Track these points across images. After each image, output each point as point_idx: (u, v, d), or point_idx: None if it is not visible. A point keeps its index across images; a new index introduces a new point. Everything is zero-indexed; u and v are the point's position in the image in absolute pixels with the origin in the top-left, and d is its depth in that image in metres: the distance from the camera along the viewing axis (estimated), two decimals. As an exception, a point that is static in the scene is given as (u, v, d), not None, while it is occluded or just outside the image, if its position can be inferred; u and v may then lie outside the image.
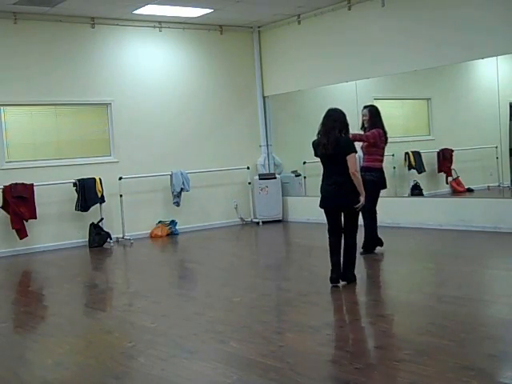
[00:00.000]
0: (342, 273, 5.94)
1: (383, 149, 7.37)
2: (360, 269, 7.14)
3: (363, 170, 7.28)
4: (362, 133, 7.41)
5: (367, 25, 9.66)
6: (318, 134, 5.91)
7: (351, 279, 5.95)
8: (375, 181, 7.24)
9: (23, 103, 9.43)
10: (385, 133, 7.33)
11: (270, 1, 9.61)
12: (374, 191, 7.28)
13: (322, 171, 6.10)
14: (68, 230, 9.62)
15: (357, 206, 5.80)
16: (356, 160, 5.86)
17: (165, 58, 10.66)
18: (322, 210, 6.03)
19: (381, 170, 7.37)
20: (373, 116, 7.37)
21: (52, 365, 4.26)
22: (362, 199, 5.81)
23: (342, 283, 5.89)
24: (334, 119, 5.81)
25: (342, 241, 5.98)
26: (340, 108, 5.96)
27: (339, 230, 5.97)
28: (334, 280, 5.89)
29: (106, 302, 6.36)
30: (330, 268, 5.92)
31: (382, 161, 7.39)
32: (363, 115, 7.45)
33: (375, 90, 10.68)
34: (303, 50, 10.72)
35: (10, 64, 9.22)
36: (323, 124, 5.87)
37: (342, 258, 5.95)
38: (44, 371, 4.12)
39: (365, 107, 7.51)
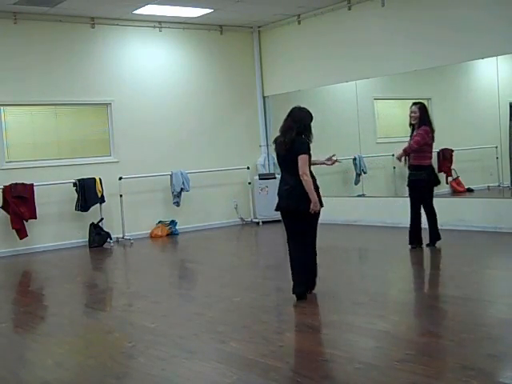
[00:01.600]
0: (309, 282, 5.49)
1: (431, 146, 7.45)
2: (360, 269, 7.15)
3: (412, 168, 7.42)
4: (407, 142, 7.49)
5: (367, 25, 9.66)
6: (279, 131, 5.47)
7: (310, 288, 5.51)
8: (426, 179, 7.35)
9: (23, 103, 9.44)
10: (432, 130, 7.38)
11: (269, 1, 9.61)
12: (428, 189, 7.45)
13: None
14: (68, 230, 9.62)
15: (311, 210, 5.27)
16: (307, 162, 5.26)
17: (165, 58, 10.66)
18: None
19: (431, 167, 7.49)
20: (422, 114, 7.38)
21: (52, 365, 4.26)
22: (312, 206, 5.25)
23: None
24: (295, 119, 5.35)
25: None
26: (307, 109, 5.48)
27: (296, 237, 5.45)
28: (299, 296, 5.36)
29: (106, 302, 6.36)
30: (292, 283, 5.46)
31: (431, 158, 7.50)
32: (412, 112, 7.43)
33: (375, 90, 10.69)
34: (303, 50, 10.72)
35: (10, 64, 9.22)
36: (283, 122, 5.43)
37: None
38: (44, 371, 4.12)
39: (414, 104, 7.47)
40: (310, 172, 5.37)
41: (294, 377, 3.71)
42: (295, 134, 5.32)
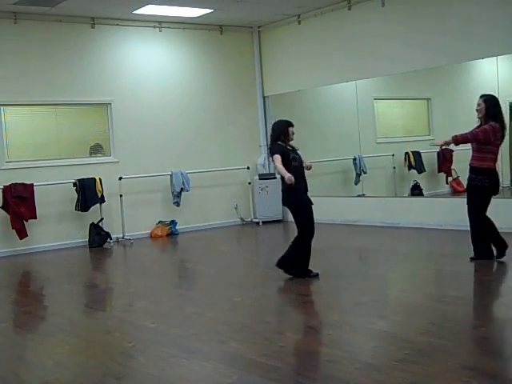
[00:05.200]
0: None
1: (498, 146, 6.40)
2: (360, 269, 7.15)
3: (472, 171, 6.48)
4: (469, 131, 6.51)
5: (367, 25, 9.66)
6: None
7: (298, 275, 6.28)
8: (484, 186, 6.38)
9: (23, 103, 9.44)
10: (502, 128, 6.36)
11: (269, 1, 9.61)
12: (483, 197, 6.46)
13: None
14: (68, 230, 9.63)
15: (286, 180, 5.96)
16: (277, 159, 6.12)
17: (165, 58, 10.66)
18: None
19: (492, 172, 6.41)
20: (489, 107, 6.36)
21: (52, 365, 4.26)
22: (286, 179, 5.94)
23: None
24: (272, 129, 6.53)
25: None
26: (284, 120, 6.54)
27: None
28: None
29: (106, 302, 6.36)
30: None
31: (494, 160, 6.40)
32: (477, 105, 6.47)
33: (375, 90, 10.69)
34: (303, 49, 10.72)
35: (10, 64, 9.22)
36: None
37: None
38: (44, 371, 4.12)
39: (480, 97, 6.49)
40: (299, 173, 6.21)
41: (295, 377, 3.71)
42: (272, 140, 6.41)
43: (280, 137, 6.34)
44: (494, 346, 4.09)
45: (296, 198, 6.17)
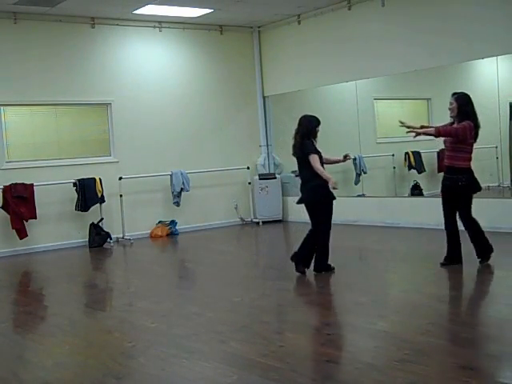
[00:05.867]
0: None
1: (472, 146, 6.29)
2: (360, 269, 7.15)
3: (447, 171, 6.41)
4: (446, 125, 6.40)
5: (367, 25, 9.66)
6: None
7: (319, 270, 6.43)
8: (463, 185, 6.27)
9: (23, 103, 9.44)
10: (476, 126, 6.22)
11: (270, 1, 9.61)
12: (465, 196, 6.35)
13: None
14: (68, 230, 9.63)
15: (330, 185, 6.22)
16: (315, 159, 6.29)
17: (165, 58, 10.66)
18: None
19: (468, 171, 6.29)
20: (461, 106, 6.23)
21: (52, 365, 4.26)
22: (330, 183, 6.17)
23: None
24: (300, 124, 6.53)
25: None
26: (314, 116, 6.59)
27: (312, 223, 6.55)
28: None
29: (106, 302, 6.36)
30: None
31: (470, 159, 6.29)
32: (449, 103, 6.32)
33: (375, 90, 10.69)
34: (303, 50, 10.72)
35: (10, 64, 9.22)
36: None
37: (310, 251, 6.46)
38: (44, 371, 4.12)
39: (452, 95, 6.35)
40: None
41: (295, 377, 3.71)
42: (301, 136, 6.42)
43: (310, 134, 6.43)
44: (493, 346, 4.09)
45: (326, 193, 6.35)
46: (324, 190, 6.32)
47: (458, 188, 6.28)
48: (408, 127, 6.48)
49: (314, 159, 6.28)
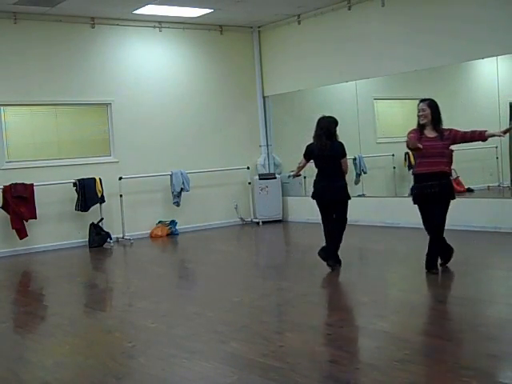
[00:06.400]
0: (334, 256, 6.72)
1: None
2: (360, 269, 7.15)
3: (429, 177, 6.16)
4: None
5: (367, 25, 9.66)
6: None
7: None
8: (418, 192, 6.26)
9: (23, 103, 9.44)
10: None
11: (270, 1, 9.61)
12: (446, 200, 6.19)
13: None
14: (68, 230, 9.63)
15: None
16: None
17: (165, 58, 10.66)
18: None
19: (446, 175, 6.21)
20: (434, 112, 6.19)
21: (52, 365, 4.26)
22: None
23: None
24: (321, 126, 6.69)
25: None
26: (330, 116, 6.77)
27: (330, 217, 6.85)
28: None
29: (106, 302, 6.36)
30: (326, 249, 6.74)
31: (450, 164, 6.23)
32: (420, 110, 6.21)
33: (375, 90, 10.69)
34: (303, 50, 10.72)
35: (10, 64, 9.22)
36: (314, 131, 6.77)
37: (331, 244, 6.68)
38: (44, 371, 4.12)
39: (422, 101, 6.27)
40: None
41: (294, 377, 3.71)
42: (326, 138, 6.61)
43: (333, 136, 6.69)
44: (493, 346, 4.08)
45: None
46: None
47: (445, 192, 6.10)
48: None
49: (347, 161, 6.76)
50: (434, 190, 6.08)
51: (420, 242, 8.46)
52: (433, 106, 6.21)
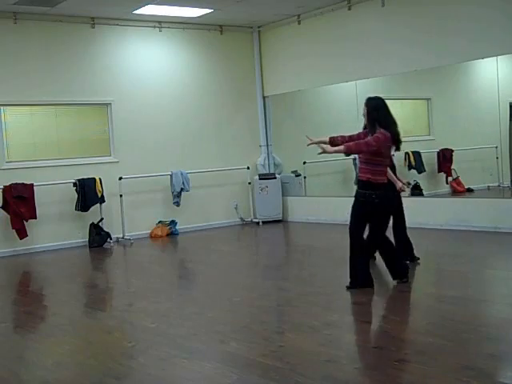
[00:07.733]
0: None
1: (390, 158, 5.81)
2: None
3: (361, 185, 5.66)
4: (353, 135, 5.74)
5: (367, 25, 9.66)
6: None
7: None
8: (374, 203, 5.52)
9: (23, 103, 9.43)
10: (394, 135, 5.51)
11: (270, 1, 9.61)
12: (378, 215, 5.64)
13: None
14: (68, 230, 9.62)
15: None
16: None
17: (165, 58, 10.66)
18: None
19: (384, 186, 5.61)
20: (370, 112, 5.56)
21: (52, 365, 4.26)
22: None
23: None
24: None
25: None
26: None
27: None
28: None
29: (106, 302, 6.36)
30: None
31: (385, 173, 5.67)
32: (363, 109, 5.73)
33: (375, 90, 10.62)
34: (303, 50, 10.72)
35: (10, 64, 9.22)
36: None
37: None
38: (44, 371, 4.12)
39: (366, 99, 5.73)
40: None
41: (294, 377, 3.71)
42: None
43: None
44: (494, 346, 4.08)
45: None
46: None
47: (372, 205, 5.50)
48: (316, 143, 5.64)
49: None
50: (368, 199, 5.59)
51: (420, 241, 8.46)
52: (369, 105, 5.58)
